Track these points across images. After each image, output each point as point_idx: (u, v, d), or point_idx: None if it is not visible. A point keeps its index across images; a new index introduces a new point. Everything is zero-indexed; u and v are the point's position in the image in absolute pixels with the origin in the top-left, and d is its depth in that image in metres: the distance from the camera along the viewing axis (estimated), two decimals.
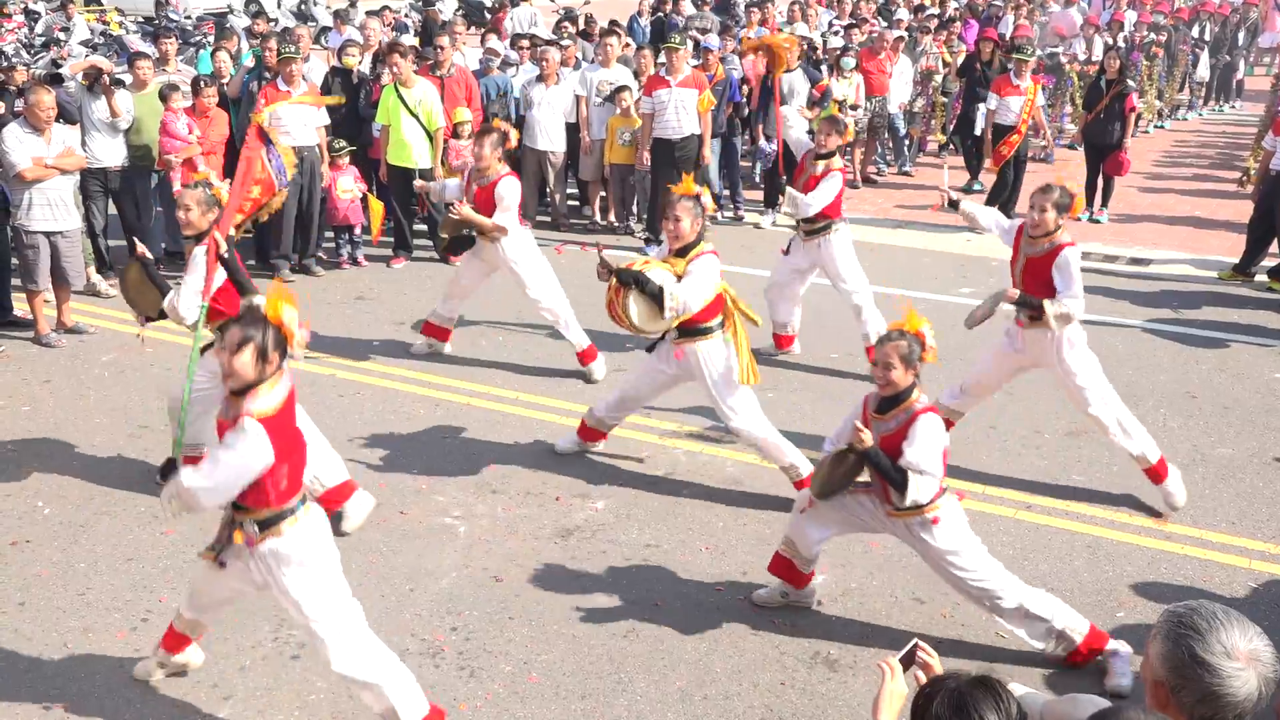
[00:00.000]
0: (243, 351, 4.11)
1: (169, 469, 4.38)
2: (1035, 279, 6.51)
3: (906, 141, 16.49)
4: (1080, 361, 6.57)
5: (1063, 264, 6.39)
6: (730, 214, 13.85)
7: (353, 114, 11.71)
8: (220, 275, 6.24)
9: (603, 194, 13.26)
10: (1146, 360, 9.10)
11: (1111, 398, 6.63)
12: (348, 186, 11.13)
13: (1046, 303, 6.38)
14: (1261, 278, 11.40)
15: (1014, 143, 12.55)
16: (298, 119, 10.55)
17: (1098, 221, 13.77)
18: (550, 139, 12.33)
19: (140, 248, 6.44)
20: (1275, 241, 11.23)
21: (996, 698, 2.56)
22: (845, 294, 8.64)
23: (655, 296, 6.15)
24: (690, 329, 6.48)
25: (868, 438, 4.95)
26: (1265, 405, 8.25)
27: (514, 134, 8.51)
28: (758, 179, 14.37)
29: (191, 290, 6.18)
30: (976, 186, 15.62)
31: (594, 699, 4.98)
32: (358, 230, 11.42)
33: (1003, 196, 13.00)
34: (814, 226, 8.56)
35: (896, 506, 5.05)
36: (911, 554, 6.15)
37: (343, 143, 11.21)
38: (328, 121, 11.01)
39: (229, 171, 11.25)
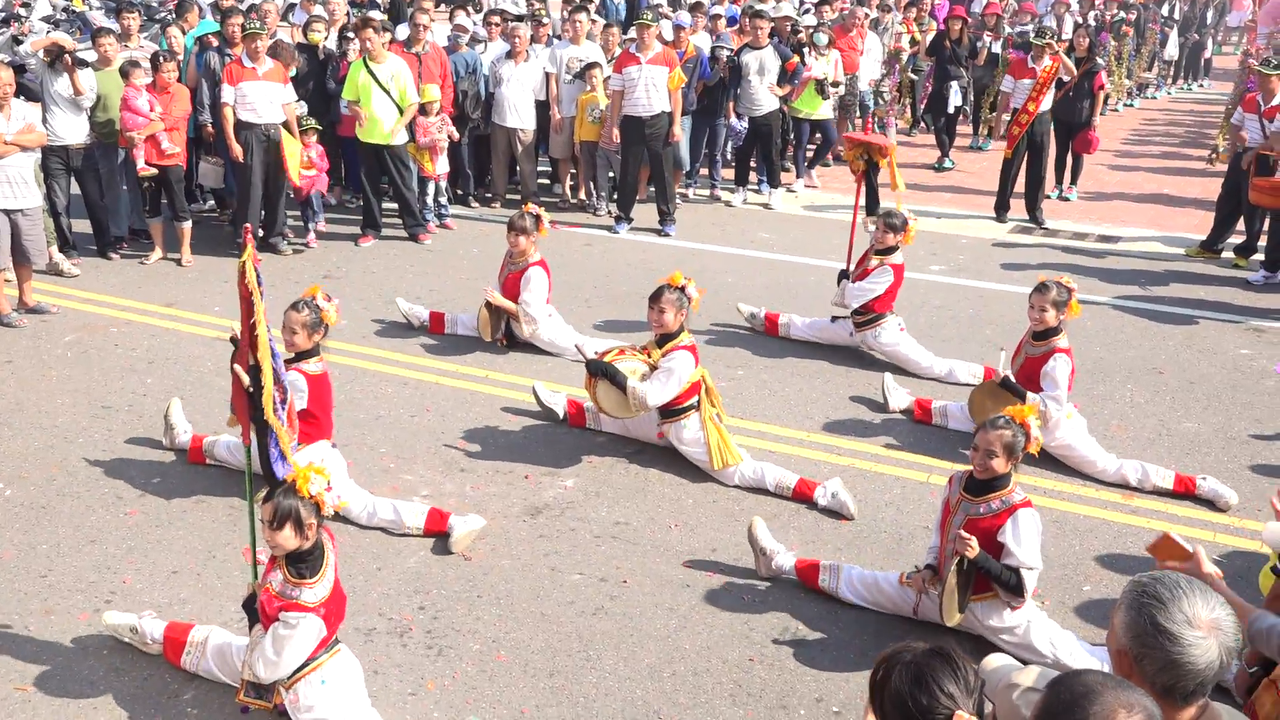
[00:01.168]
0: (284, 528, 4.26)
1: (250, 603, 4.52)
2: (1029, 378, 6.81)
3: (876, 121, 16.48)
4: (1070, 434, 6.83)
5: (1050, 369, 6.69)
6: (705, 192, 13.82)
7: (319, 91, 11.61)
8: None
9: (573, 171, 13.20)
10: (1114, 337, 9.15)
11: (1107, 456, 6.84)
12: (308, 163, 10.99)
13: (1029, 395, 6.65)
14: (1228, 255, 11.48)
15: (1024, 123, 12.22)
16: (263, 96, 10.42)
17: (1066, 199, 13.83)
18: (520, 116, 12.25)
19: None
20: (1242, 219, 11.29)
21: (954, 668, 2.56)
22: (923, 375, 8.38)
23: (622, 390, 6.51)
24: (668, 410, 6.73)
25: (974, 546, 4.84)
26: (1231, 381, 8.31)
27: (546, 218, 8.63)
28: (729, 157, 14.33)
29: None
30: (948, 164, 15.65)
31: (562, 676, 4.97)
32: (316, 202, 11.34)
33: (1012, 172, 12.63)
34: (864, 319, 8.46)
35: (1009, 604, 5.01)
36: (882, 530, 6.19)
37: (311, 120, 11.10)
38: (294, 99, 10.88)
39: (191, 146, 11.17)
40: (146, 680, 4.89)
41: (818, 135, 14.58)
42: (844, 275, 8.57)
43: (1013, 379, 6.86)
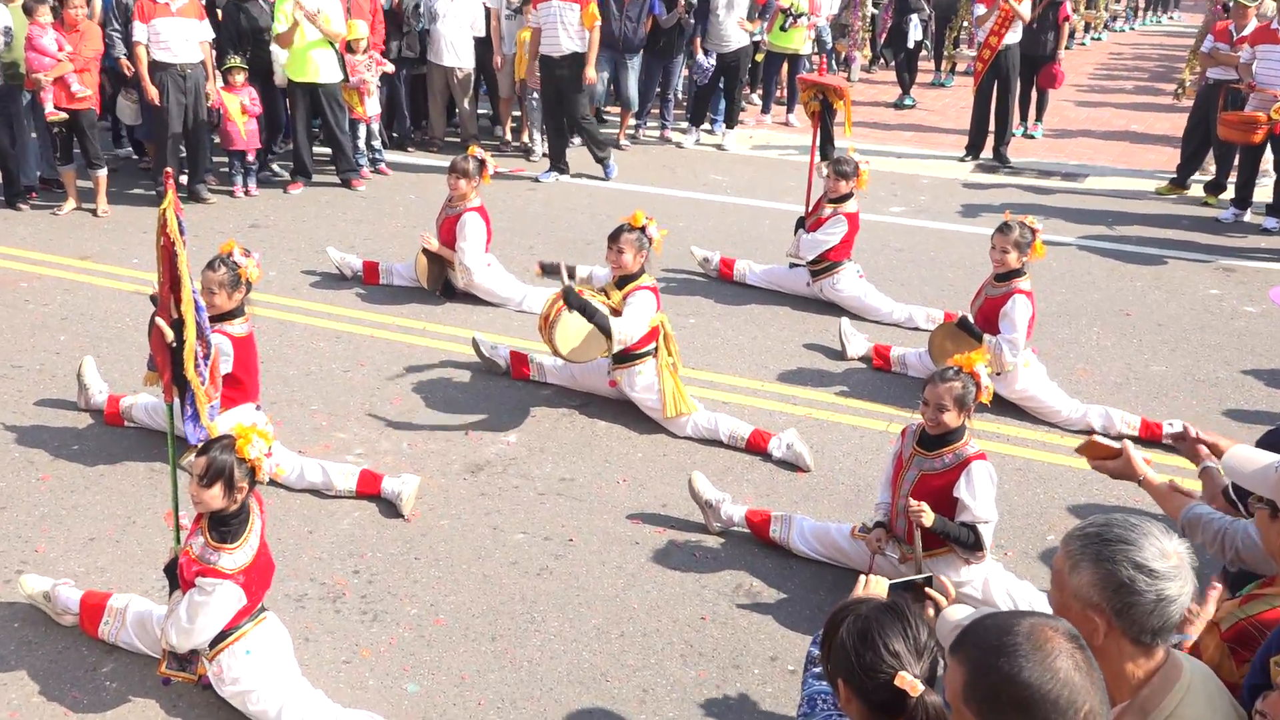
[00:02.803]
0: (213, 485, 4.16)
1: (171, 568, 4.41)
2: (987, 319, 6.80)
3: (834, 56, 16.40)
4: (1030, 382, 6.87)
5: (1009, 309, 6.66)
6: (655, 133, 13.71)
7: (235, 29, 11.19)
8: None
9: (516, 114, 13.03)
10: (1080, 278, 9.19)
11: (1071, 403, 6.88)
12: (244, 108, 10.72)
13: (987, 337, 6.68)
14: (1197, 192, 11.55)
15: (987, 58, 12.06)
16: (179, 33, 10.15)
17: (1032, 137, 13.86)
18: (456, 54, 12.05)
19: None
20: (1211, 154, 11.37)
21: (905, 623, 2.53)
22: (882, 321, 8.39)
23: (603, 330, 6.31)
24: (623, 356, 6.65)
25: (928, 516, 4.81)
26: (1199, 322, 8.38)
27: (491, 163, 8.54)
28: (682, 95, 14.20)
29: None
30: (909, 101, 15.62)
31: (505, 640, 4.93)
32: (251, 157, 11.08)
33: (983, 108, 12.43)
34: (820, 267, 8.42)
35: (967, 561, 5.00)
36: (839, 481, 6.19)
37: (237, 59, 10.79)
38: (212, 36, 10.62)
39: (104, 90, 10.88)
40: (61, 654, 4.79)
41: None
42: (801, 224, 8.52)
43: (970, 319, 6.87)
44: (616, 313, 6.46)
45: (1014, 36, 12.15)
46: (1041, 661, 2.13)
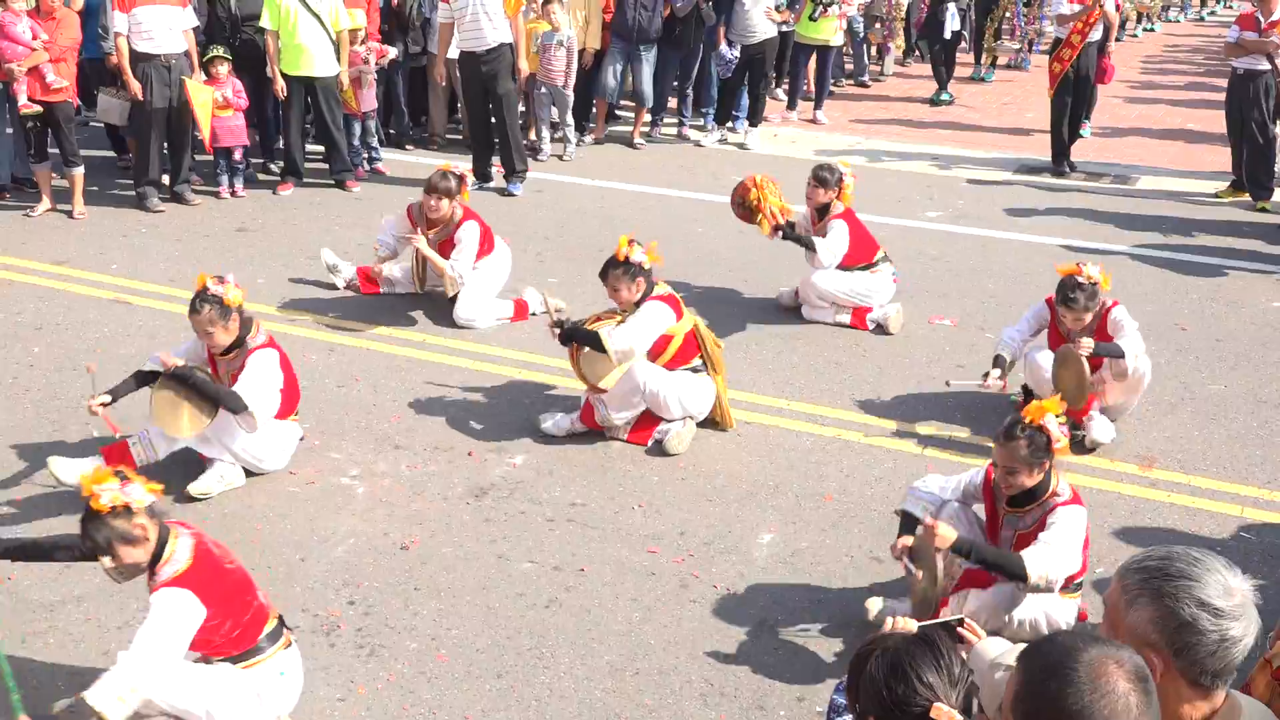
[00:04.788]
0: (117, 552, 4.26)
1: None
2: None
3: (866, 47, 16.44)
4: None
5: (1119, 317, 6.78)
6: (672, 131, 13.75)
7: (225, 16, 11.27)
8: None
9: (521, 109, 13.10)
10: (1132, 290, 9.18)
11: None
12: (223, 103, 10.80)
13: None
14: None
15: (1067, 59, 11.90)
16: (161, 22, 10.25)
17: (1080, 136, 13.86)
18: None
19: (170, 362, 6.07)
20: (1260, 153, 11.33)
21: (937, 654, 2.56)
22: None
23: (596, 347, 6.56)
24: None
25: (945, 534, 4.69)
26: (1261, 338, 8.38)
27: (471, 178, 8.74)
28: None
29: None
30: (945, 96, 15.66)
31: (511, 677, 4.96)
32: (238, 154, 11.17)
33: (1064, 113, 12.32)
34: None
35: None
36: (870, 509, 6.21)
37: (219, 49, 10.87)
38: (196, 24, 10.71)
39: (82, 81, 10.98)
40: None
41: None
42: (789, 228, 8.46)
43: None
44: None
45: (1094, 34, 12.02)
46: (1091, 693, 2.19)
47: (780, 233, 8.35)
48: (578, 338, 6.65)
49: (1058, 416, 4.99)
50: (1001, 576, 4.90)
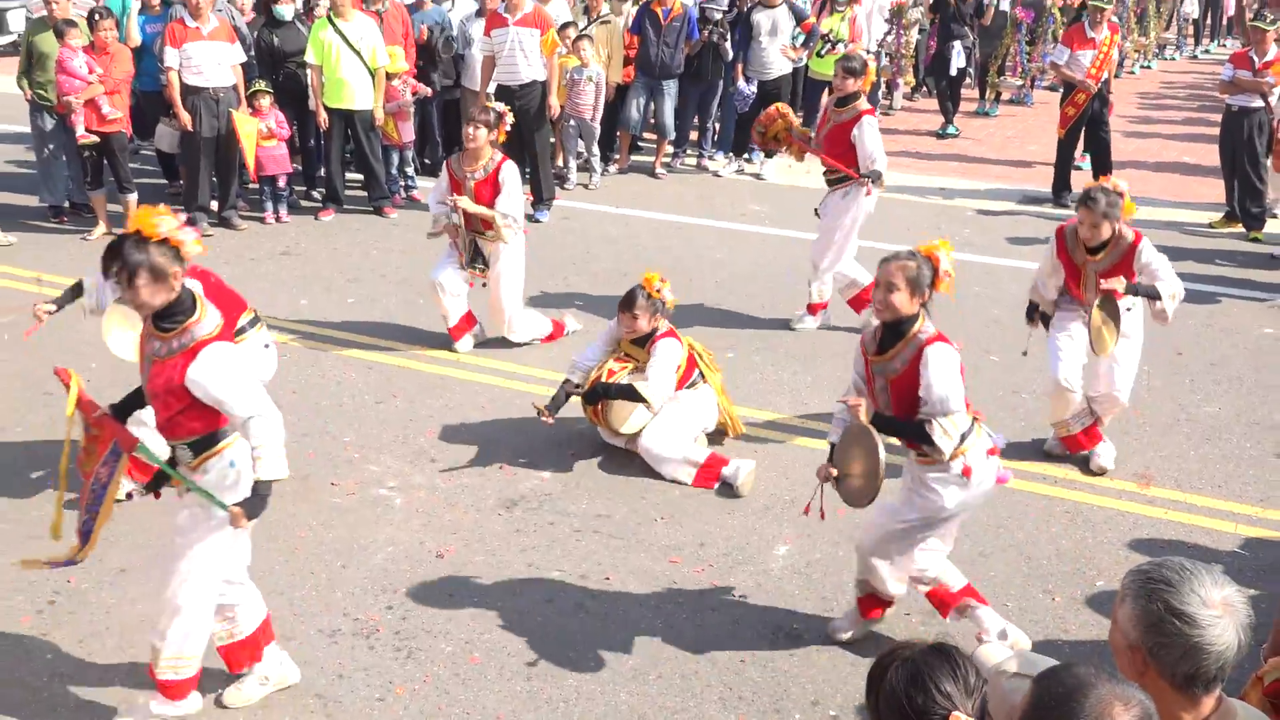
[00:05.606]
0: (136, 279, 4.22)
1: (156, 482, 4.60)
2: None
3: (877, 82, 16.47)
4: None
5: (1144, 264, 6.59)
6: (692, 162, 13.81)
7: (269, 52, 11.38)
8: None
9: (551, 140, 13.18)
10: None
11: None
12: (266, 133, 10.91)
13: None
14: (1269, 229, 11.45)
15: (1080, 103, 11.91)
16: (210, 58, 10.37)
17: (1079, 168, 13.86)
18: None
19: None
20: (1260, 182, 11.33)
21: (954, 665, 2.59)
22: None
23: (640, 400, 6.64)
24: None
25: (863, 411, 4.78)
26: (1254, 362, 8.39)
27: (509, 116, 8.51)
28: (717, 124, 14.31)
29: None
30: (952, 130, 15.70)
31: (540, 680, 5.01)
32: (282, 182, 11.27)
33: (1071, 152, 12.45)
34: (835, 176, 8.53)
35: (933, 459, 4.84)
36: None
37: (262, 83, 11.00)
38: (243, 59, 10.84)
39: (136, 113, 11.10)
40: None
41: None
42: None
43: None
44: (641, 368, 6.76)
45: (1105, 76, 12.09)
46: None
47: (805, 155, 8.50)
48: (610, 395, 6.69)
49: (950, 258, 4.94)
50: (914, 442, 4.87)
